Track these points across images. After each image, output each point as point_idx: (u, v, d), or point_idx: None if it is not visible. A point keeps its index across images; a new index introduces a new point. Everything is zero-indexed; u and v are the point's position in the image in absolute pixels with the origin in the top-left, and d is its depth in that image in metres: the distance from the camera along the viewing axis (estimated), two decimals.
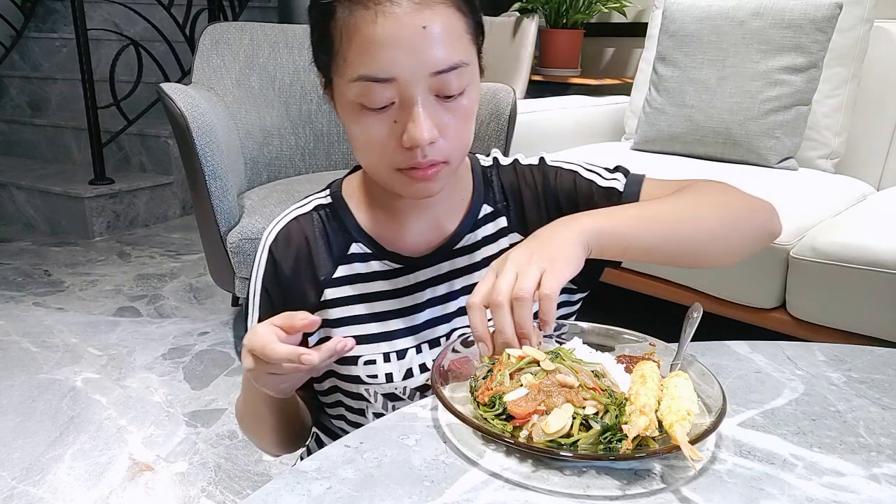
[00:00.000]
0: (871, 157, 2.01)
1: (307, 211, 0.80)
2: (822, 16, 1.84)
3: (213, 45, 2.07)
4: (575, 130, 2.42)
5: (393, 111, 0.65)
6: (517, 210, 0.80)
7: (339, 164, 2.25)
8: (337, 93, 0.69)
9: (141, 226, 3.28)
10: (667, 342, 0.69)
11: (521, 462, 0.55)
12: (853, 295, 1.43)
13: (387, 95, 0.64)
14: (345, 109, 0.68)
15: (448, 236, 0.78)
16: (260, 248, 0.79)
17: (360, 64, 0.63)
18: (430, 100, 0.65)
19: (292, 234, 0.78)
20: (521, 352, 0.62)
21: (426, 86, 0.64)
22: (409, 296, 0.78)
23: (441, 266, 0.78)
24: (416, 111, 0.64)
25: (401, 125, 0.65)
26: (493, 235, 0.80)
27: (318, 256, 0.77)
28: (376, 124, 0.66)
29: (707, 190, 0.77)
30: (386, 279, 0.77)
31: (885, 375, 0.71)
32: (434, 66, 0.63)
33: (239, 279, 1.78)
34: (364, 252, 0.77)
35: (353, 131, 0.69)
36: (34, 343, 2.13)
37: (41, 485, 1.49)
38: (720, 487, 0.53)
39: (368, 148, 0.68)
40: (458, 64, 0.65)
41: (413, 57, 0.62)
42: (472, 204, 0.79)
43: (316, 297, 0.77)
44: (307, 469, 0.54)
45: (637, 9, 2.89)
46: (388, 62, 0.62)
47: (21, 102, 3.97)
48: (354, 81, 0.64)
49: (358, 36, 0.63)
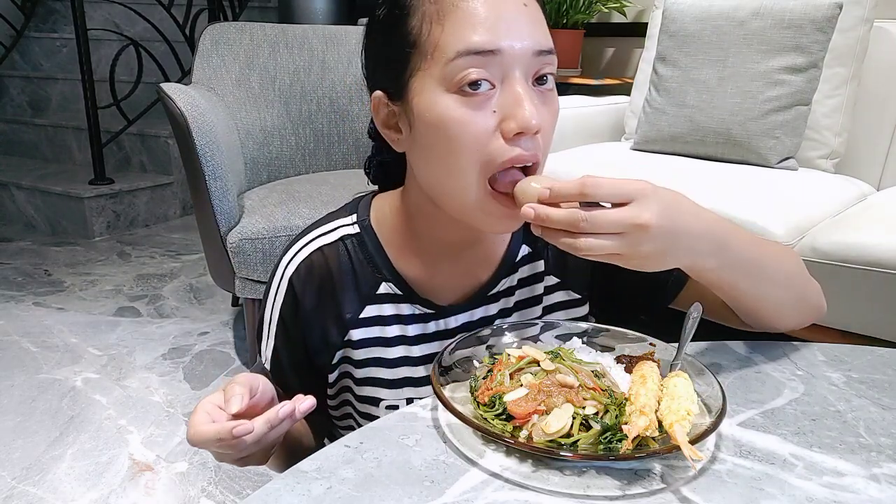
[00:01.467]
0: (871, 157, 2.01)
1: (332, 241, 0.73)
2: (822, 16, 1.83)
3: (213, 45, 2.07)
4: (575, 130, 2.42)
5: (492, 100, 0.59)
6: (556, 251, 0.70)
7: (338, 164, 2.25)
8: (417, 93, 0.61)
9: (141, 226, 3.28)
10: (667, 342, 0.69)
11: (521, 462, 0.55)
12: (853, 295, 1.43)
13: (488, 73, 0.59)
14: (431, 107, 0.60)
15: (484, 283, 0.73)
16: (278, 277, 0.73)
17: (459, 39, 0.58)
18: (531, 85, 0.61)
19: (315, 266, 0.72)
20: (521, 352, 0.62)
21: (528, 66, 0.60)
22: (438, 341, 0.74)
23: (474, 313, 0.74)
24: (522, 92, 0.59)
25: (501, 112, 0.59)
26: (529, 278, 0.76)
27: (343, 293, 0.72)
28: (474, 113, 0.59)
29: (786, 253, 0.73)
30: (416, 323, 0.73)
31: (885, 375, 0.70)
32: (537, 44, 0.60)
33: (239, 279, 1.78)
34: (394, 293, 0.72)
35: (441, 133, 0.60)
36: (34, 343, 2.13)
37: (41, 485, 1.49)
38: (720, 487, 0.53)
39: (459, 147, 0.60)
40: (553, 50, 0.61)
41: (516, 29, 0.59)
42: (512, 244, 0.74)
43: (339, 335, 0.73)
44: (307, 469, 0.54)
45: (637, 9, 2.89)
46: (492, 32, 0.58)
47: (21, 102, 3.97)
48: (453, 60, 0.58)
49: (455, 13, 0.59)
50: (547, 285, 0.77)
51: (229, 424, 0.56)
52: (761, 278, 0.67)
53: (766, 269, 0.67)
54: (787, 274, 0.70)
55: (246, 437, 0.56)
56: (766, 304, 0.70)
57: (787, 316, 0.73)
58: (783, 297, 0.71)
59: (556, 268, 0.76)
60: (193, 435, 0.57)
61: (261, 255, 1.74)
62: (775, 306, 0.71)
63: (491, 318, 0.75)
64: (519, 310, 0.76)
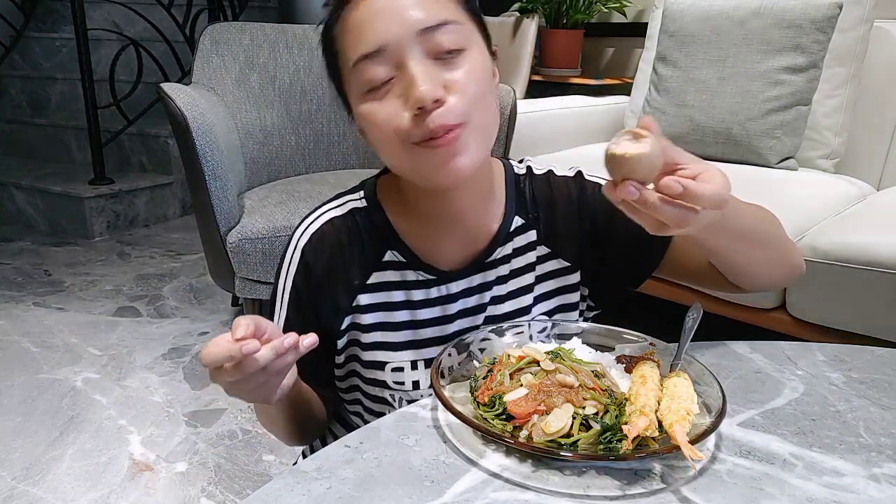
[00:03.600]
0: (871, 157, 2.01)
1: (343, 213, 0.78)
2: (822, 16, 1.83)
3: (213, 45, 2.07)
4: (575, 130, 2.42)
5: (396, 87, 0.64)
6: (547, 222, 0.80)
7: (338, 164, 2.25)
8: (352, 104, 0.69)
9: (141, 226, 3.28)
10: (667, 342, 0.69)
11: (521, 462, 0.55)
12: (853, 295, 1.43)
13: (384, 70, 0.64)
14: (358, 112, 0.68)
15: (481, 250, 0.78)
16: (291, 248, 0.78)
17: (352, 48, 0.65)
18: (426, 61, 0.64)
19: (326, 236, 0.77)
20: (521, 352, 0.62)
21: (419, 48, 0.64)
22: (440, 306, 0.77)
23: (473, 279, 0.78)
24: (413, 71, 0.63)
25: (403, 94, 0.64)
26: (522, 248, 0.80)
27: (351, 261, 0.76)
28: (385, 107, 0.65)
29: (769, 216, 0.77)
30: (419, 288, 0.77)
31: (885, 375, 0.70)
32: (419, 23, 0.64)
33: (239, 279, 1.78)
34: (399, 261, 0.77)
35: (370, 129, 0.67)
36: (34, 343, 2.13)
37: (41, 485, 1.49)
38: (720, 487, 0.53)
39: (383, 133, 0.66)
40: (446, 21, 0.65)
41: (395, 19, 0.64)
42: (506, 215, 0.79)
43: (348, 301, 0.77)
44: (307, 469, 0.55)
45: (637, 9, 2.89)
46: (373, 33, 0.64)
47: (21, 102, 3.97)
48: (353, 70, 0.65)
49: (347, 23, 0.66)
50: (539, 255, 0.80)
51: (238, 343, 0.58)
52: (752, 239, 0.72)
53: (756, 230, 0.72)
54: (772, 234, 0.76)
55: (256, 357, 0.58)
56: (756, 263, 0.76)
57: (775, 274, 0.79)
58: (770, 256, 0.76)
59: (548, 238, 0.80)
60: (206, 355, 0.60)
61: (261, 255, 1.74)
62: (764, 265, 0.76)
63: (489, 283, 0.78)
64: (514, 277, 0.80)
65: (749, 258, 0.74)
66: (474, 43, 0.68)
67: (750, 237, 0.71)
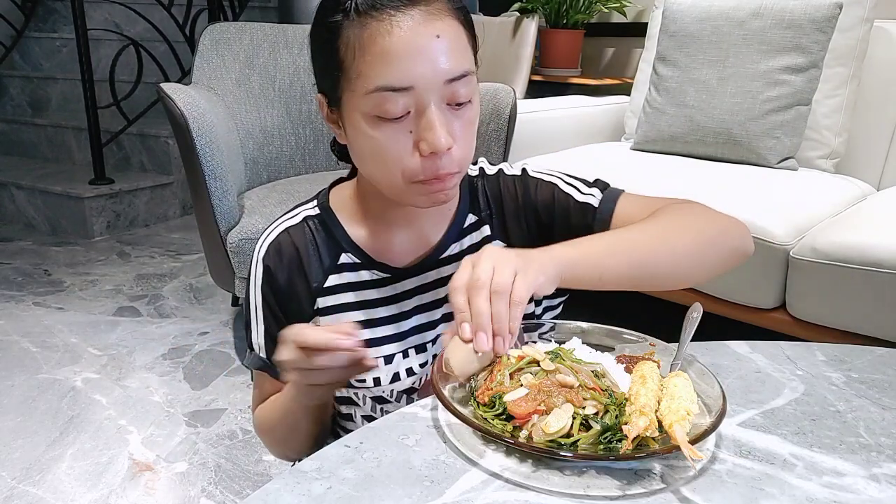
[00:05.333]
0: (871, 157, 2.01)
1: (297, 222, 0.81)
2: (822, 16, 1.83)
3: (213, 45, 2.07)
4: (575, 130, 2.42)
5: (409, 121, 0.66)
6: (499, 219, 0.82)
7: (338, 164, 2.24)
8: (347, 109, 0.69)
9: (141, 226, 3.28)
10: (667, 342, 0.69)
11: (521, 462, 0.55)
12: (853, 295, 1.43)
13: (403, 104, 0.65)
14: (356, 125, 0.68)
15: (434, 246, 0.80)
16: (253, 263, 0.81)
17: (377, 75, 0.64)
18: (443, 107, 0.67)
19: (283, 245, 0.79)
20: (521, 352, 0.62)
21: (440, 93, 0.66)
22: (396, 304, 0.80)
23: (427, 275, 0.80)
24: (433, 118, 0.65)
25: (416, 134, 0.66)
26: (477, 244, 0.82)
27: (309, 266, 0.79)
28: (393, 135, 0.66)
29: (681, 212, 0.76)
30: (374, 288, 0.79)
31: (885, 375, 0.70)
32: (448, 73, 0.65)
33: (239, 279, 1.78)
34: (353, 262, 0.79)
35: (367, 146, 0.69)
36: (34, 343, 2.13)
37: (41, 485, 1.49)
38: (720, 487, 0.53)
39: (383, 160, 0.68)
40: (467, 72, 0.67)
41: (429, 65, 0.65)
42: (458, 214, 0.81)
43: (310, 305, 0.79)
44: (307, 469, 0.55)
45: (637, 9, 2.89)
46: (405, 71, 0.64)
47: (21, 102, 3.97)
48: (371, 93, 0.65)
49: (373, 48, 0.64)
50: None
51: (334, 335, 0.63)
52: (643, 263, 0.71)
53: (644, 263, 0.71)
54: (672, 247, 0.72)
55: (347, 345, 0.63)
56: (668, 279, 0.74)
57: (697, 275, 0.76)
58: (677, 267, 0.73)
59: (501, 233, 0.82)
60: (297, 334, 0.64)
61: None
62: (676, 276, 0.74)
63: (444, 279, 0.80)
64: None
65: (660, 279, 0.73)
66: (477, 89, 0.70)
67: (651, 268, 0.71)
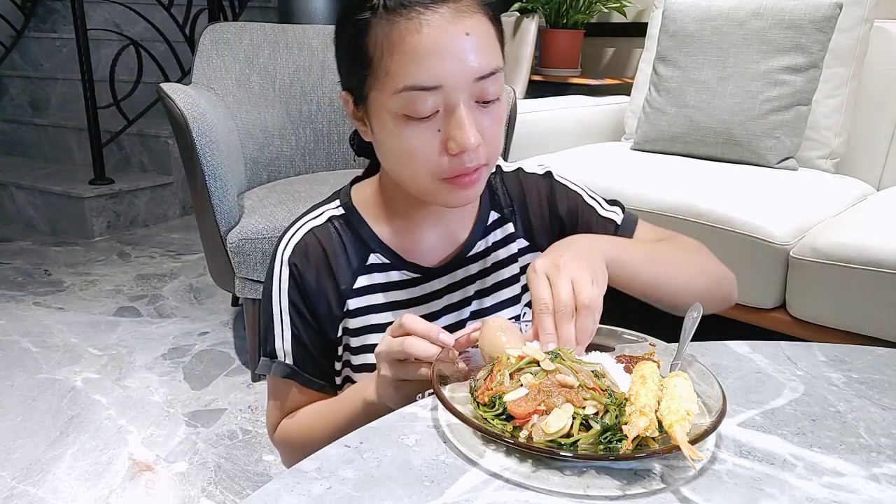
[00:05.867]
0: (871, 157, 2.01)
1: (322, 223, 0.79)
2: (822, 16, 1.83)
3: (213, 45, 2.07)
4: (575, 130, 2.42)
5: (437, 119, 0.66)
6: (522, 216, 0.83)
7: (338, 164, 2.25)
8: (374, 107, 0.69)
9: (141, 226, 3.28)
10: (667, 342, 0.69)
11: (521, 462, 0.55)
12: (853, 295, 1.43)
13: (432, 103, 0.65)
14: (384, 124, 0.68)
15: (461, 245, 0.80)
16: (278, 265, 0.78)
17: (406, 74, 0.64)
18: (472, 105, 0.67)
19: (310, 246, 0.78)
20: (521, 351, 0.62)
21: (469, 92, 0.66)
22: (426, 304, 0.79)
23: (456, 274, 0.80)
24: (463, 117, 0.65)
25: (445, 133, 0.66)
26: (502, 241, 0.82)
27: (337, 267, 0.78)
28: (421, 134, 0.66)
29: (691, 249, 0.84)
30: (404, 288, 0.79)
31: (885, 376, 0.70)
32: (477, 71, 0.65)
33: (239, 279, 1.78)
34: (383, 262, 0.79)
35: (395, 144, 0.69)
36: (34, 343, 2.13)
37: (41, 485, 1.49)
38: (720, 487, 0.53)
39: (411, 158, 0.68)
40: (496, 69, 0.67)
41: (458, 64, 0.64)
42: (481, 211, 0.82)
43: (339, 307, 0.78)
44: (307, 469, 0.54)
45: (637, 9, 2.89)
46: (434, 70, 0.64)
47: (21, 102, 3.97)
48: (400, 92, 0.65)
49: (402, 46, 0.64)
50: (520, 247, 0.84)
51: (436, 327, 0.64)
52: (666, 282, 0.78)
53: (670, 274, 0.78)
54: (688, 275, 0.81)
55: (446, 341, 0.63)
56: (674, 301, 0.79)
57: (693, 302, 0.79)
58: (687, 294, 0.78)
59: (525, 231, 0.83)
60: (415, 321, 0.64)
61: (261, 255, 1.74)
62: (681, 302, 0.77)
63: (472, 277, 0.81)
64: (497, 269, 0.83)
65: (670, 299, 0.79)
66: (503, 87, 0.71)
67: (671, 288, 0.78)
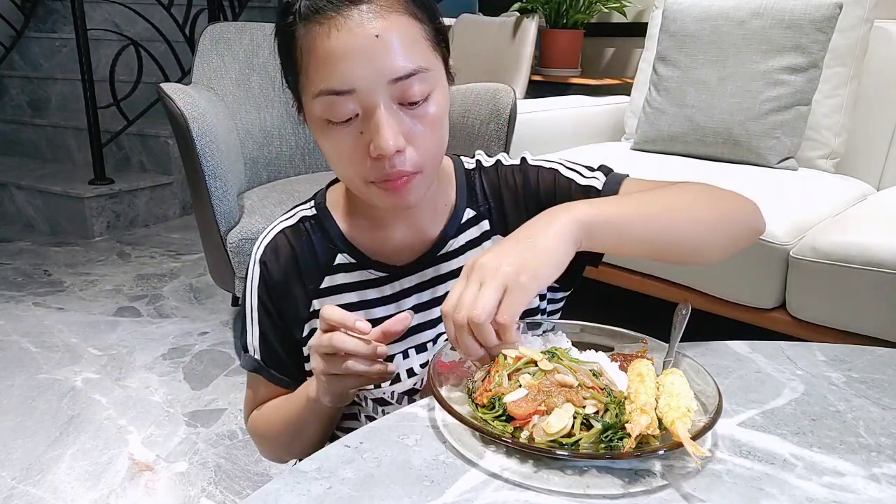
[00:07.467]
0: (871, 157, 2.01)
1: (293, 223, 0.80)
2: (822, 16, 1.83)
3: (213, 45, 2.07)
4: (575, 130, 2.42)
5: (358, 123, 0.65)
6: (498, 211, 0.81)
7: None
8: (306, 111, 0.69)
9: (141, 226, 3.28)
10: (660, 341, 0.69)
11: (522, 462, 0.55)
12: (853, 295, 1.43)
13: (349, 108, 0.64)
14: (314, 126, 0.69)
15: (431, 242, 0.79)
16: (251, 264, 0.80)
17: (320, 79, 0.64)
18: (393, 108, 0.65)
19: (280, 246, 0.79)
20: (518, 352, 0.62)
21: (388, 94, 0.64)
22: (394, 303, 0.78)
23: (425, 273, 0.79)
24: (379, 120, 0.64)
25: (367, 136, 0.65)
26: (476, 239, 0.80)
27: (305, 267, 0.78)
28: (343, 138, 0.66)
29: (694, 187, 0.76)
30: (371, 287, 0.78)
31: (885, 375, 0.70)
32: (391, 73, 0.63)
33: (239, 279, 1.78)
34: (349, 262, 0.78)
35: (324, 146, 0.69)
36: (34, 343, 2.13)
37: (41, 485, 1.49)
38: (720, 487, 0.53)
39: (340, 162, 0.69)
40: (417, 70, 0.64)
41: (369, 66, 0.63)
42: (456, 209, 0.80)
43: (305, 308, 0.79)
44: (307, 469, 0.54)
45: (637, 9, 2.89)
46: (344, 74, 0.63)
47: (21, 102, 3.97)
48: (317, 97, 0.65)
49: (315, 52, 0.64)
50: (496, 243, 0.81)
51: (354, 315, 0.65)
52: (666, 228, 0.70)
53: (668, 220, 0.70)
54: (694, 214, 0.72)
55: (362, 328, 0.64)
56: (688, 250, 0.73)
57: (718, 248, 0.75)
58: (701, 236, 0.73)
59: (500, 226, 0.81)
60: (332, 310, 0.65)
61: None
62: (698, 248, 0.73)
63: (442, 276, 0.79)
64: None
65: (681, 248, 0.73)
66: (438, 83, 0.68)
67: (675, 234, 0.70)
